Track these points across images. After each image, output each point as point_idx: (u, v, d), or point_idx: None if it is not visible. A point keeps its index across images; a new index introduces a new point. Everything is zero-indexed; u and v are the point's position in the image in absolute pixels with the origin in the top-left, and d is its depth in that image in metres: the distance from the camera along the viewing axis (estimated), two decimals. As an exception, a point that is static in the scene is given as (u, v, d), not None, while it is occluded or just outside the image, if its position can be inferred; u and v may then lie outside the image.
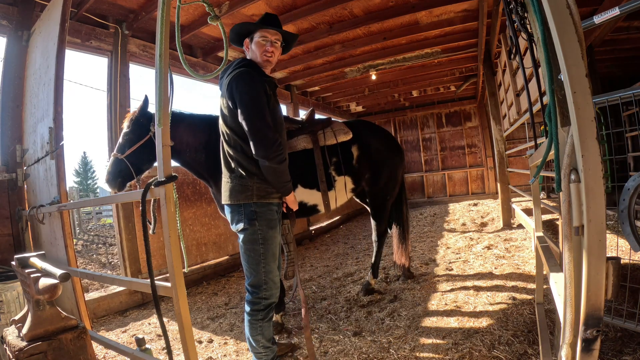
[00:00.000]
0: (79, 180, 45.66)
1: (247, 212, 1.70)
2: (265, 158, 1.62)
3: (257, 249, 1.72)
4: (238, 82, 1.65)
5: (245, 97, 1.63)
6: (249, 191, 1.69)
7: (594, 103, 1.69)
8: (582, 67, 0.77)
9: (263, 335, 1.77)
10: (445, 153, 9.56)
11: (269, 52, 1.77)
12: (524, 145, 4.60)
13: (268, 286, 1.76)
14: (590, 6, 3.70)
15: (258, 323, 1.76)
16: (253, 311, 1.76)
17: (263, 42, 1.77)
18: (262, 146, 1.61)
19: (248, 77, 1.66)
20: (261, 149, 1.61)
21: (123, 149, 2.38)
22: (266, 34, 1.78)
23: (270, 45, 1.77)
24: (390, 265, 3.79)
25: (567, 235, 0.84)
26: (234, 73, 1.69)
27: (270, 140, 1.62)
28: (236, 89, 1.65)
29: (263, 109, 1.64)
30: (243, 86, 1.64)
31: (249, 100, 1.63)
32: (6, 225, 2.79)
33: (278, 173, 1.67)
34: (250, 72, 1.69)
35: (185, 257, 1.69)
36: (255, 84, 1.66)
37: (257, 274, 1.75)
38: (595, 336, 0.76)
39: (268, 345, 1.80)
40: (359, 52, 5.40)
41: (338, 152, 2.80)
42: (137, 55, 3.85)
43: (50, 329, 1.32)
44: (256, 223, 1.70)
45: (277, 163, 1.64)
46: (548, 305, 2.21)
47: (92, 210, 16.42)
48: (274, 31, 1.79)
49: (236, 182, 1.72)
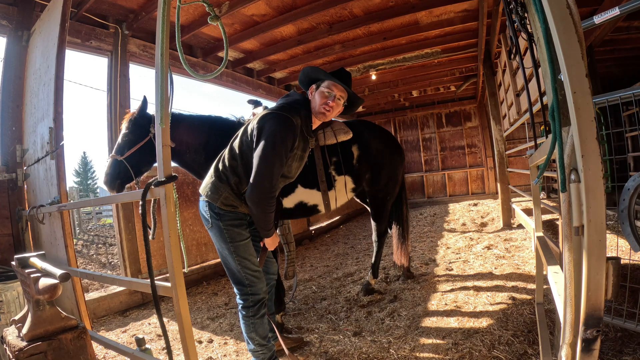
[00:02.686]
0: (79, 180, 45.65)
1: (212, 212, 1.73)
2: (251, 202, 1.63)
3: (226, 247, 1.74)
4: (275, 123, 1.63)
5: (270, 142, 1.60)
6: (217, 194, 1.71)
7: (594, 103, 1.69)
8: (582, 67, 0.77)
9: (257, 333, 1.79)
10: (445, 153, 9.56)
11: (328, 106, 1.72)
12: (524, 145, 4.60)
13: (250, 282, 1.76)
14: (590, 6, 3.69)
15: (250, 320, 1.77)
16: (243, 308, 1.78)
17: (327, 94, 1.73)
18: (255, 192, 1.61)
19: (286, 126, 1.63)
20: (253, 194, 1.61)
21: (122, 151, 2.37)
22: (334, 87, 1.73)
23: (333, 100, 1.73)
24: (390, 265, 3.79)
25: (567, 235, 0.84)
26: (277, 113, 1.67)
27: (266, 191, 1.61)
28: (269, 126, 1.63)
29: (277, 161, 1.61)
30: (275, 131, 1.61)
31: (271, 147, 1.60)
32: (6, 225, 2.79)
33: (260, 220, 1.68)
34: (293, 123, 1.65)
35: (185, 257, 1.69)
36: (290, 135, 1.64)
37: (234, 272, 1.77)
38: (595, 336, 0.76)
39: (263, 343, 1.81)
40: (359, 52, 5.40)
41: (338, 151, 2.79)
42: (137, 55, 3.85)
43: (50, 329, 1.32)
44: (220, 223, 1.72)
45: (261, 212, 1.65)
46: (548, 305, 2.21)
47: (92, 210, 16.41)
48: (342, 87, 1.75)
49: (214, 180, 1.75)
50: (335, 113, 1.78)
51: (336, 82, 1.73)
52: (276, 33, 4.48)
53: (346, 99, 1.80)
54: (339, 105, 1.77)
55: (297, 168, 1.83)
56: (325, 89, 1.73)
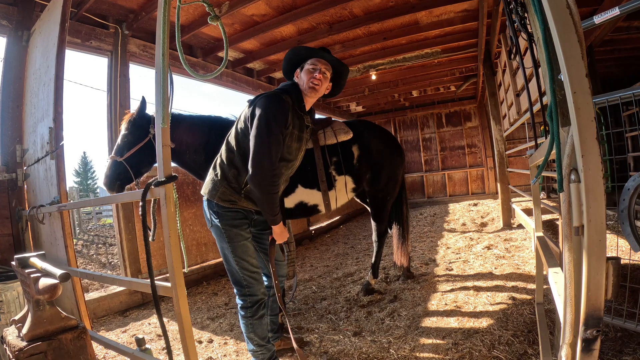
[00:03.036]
0: (79, 180, 45.63)
1: (212, 211, 1.75)
2: (254, 185, 1.60)
3: (225, 247, 1.76)
4: (265, 102, 1.64)
5: (263, 119, 1.60)
6: (215, 190, 1.73)
7: (594, 103, 1.69)
8: (582, 67, 0.77)
9: (255, 333, 1.79)
10: (445, 153, 9.56)
11: (316, 79, 1.72)
12: (524, 145, 4.60)
13: (248, 282, 1.77)
14: (590, 6, 3.69)
15: (249, 321, 1.78)
16: (242, 309, 1.79)
17: (312, 69, 1.74)
18: (256, 172, 1.58)
19: (276, 103, 1.64)
20: (255, 175, 1.58)
21: (121, 152, 2.36)
22: (317, 62, 1.75)
23: (319, 73, 1.74)
24: (390, 265, 3.79)
25: (567, 235, 0.84)
26: (266, 93, 1.69)
27: (266, 170, 1.58)
28: (259, 107, 1.63)
29: (272, 137, 1.59)
30: (266, 108, 1.61)
31: (264, 124, 1.59)
32: (6, 225, 2.79)
33: (265, 203, 1.64)
34: (282, 99, 1.65)
35: (185, 257, 1.69)
36: (280, 111, 1.63)
37: (233, 272, 1.78)
38: (595, 336, 0.76)
39: (262, 343, 1.82)
40: (359, 52, 5.40)
41: (338, 151, 2.79)
42: (137, 55, 3.85)
43: (50, 329, 1.32)
44: (219, 222, 1.73)
45: (266, 193, 1.60)
46: (548, 305, 2.21)
47: (92, 210, 16.41)
48: (324, 61, 1.77)
49: (212, 177, 1.77)
50: (324, 86, 1.78)
51: (318, 57, 1.76)
52: (276, 33, 4.48)
53: (331, 72, 1.81)
54: (327, 79, 1.78)
55: (297, 149, 1.80)
56: (310, 65, 1.76)
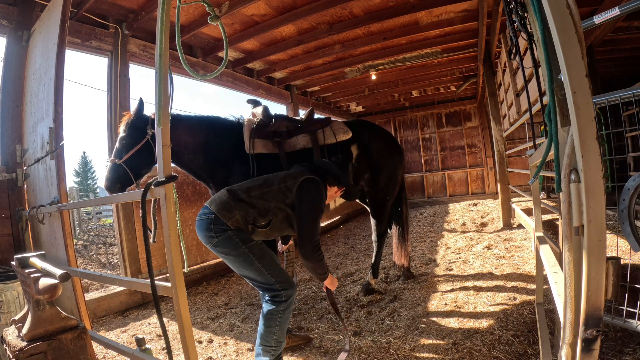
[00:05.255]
0: (79, 180, 45.61)
1: (219, 228, 1.78)
2: (306, 258, 1.90)
3: (240, 251, 1.77)
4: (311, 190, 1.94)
5: (309, 205, 1.91)
6: (230, 214, 1.80)
7: (594, 103, 1.69)
8: (582, 67, 0.77)
9: (280, 327, 1.80)
10: (445, 153, 9.55)
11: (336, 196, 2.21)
12: (524, 145, 4.60)
13: (281, 278, 1.81)
14: (590, 6, 3.69)
15: (279, 314, 1.79)
16: (275, 303, 1.81)
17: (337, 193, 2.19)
18: (307, 248, 1.87)
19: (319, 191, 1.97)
20: (306, 250, 1.88)
21: (120, 154, 2.36)
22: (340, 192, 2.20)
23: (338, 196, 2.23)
24: (390, 265, 3.78)
25: (567, 235, 0.84)
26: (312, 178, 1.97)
27: (315, 245, 1.89)
28: (306, 194, 1.92)
29: (318, 218, 1.93)
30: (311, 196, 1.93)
31: (310, 210, 1.91)
32: (6, 225, 2.79)
33: (317, 268, 1.95)
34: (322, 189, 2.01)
35: (185, 257, 1.69)
36: (322, 199, 1.99)
37: (259, 273, 1.78)
38: (595, 336, 0.76)
39: (281, 340, 1.83)
40: (359, 52, 5.40)
41: (337, 151, 2.79)
42: (137, 55, 3.85)
43: (50, 329, 1.32)
44: (229, 232, 1.77)
45: (316, 261, 1.92)
46: (548, 305, 2.21)
47: (92, 210, 16.40)
48: None
49: (229, 201, 1.84)
50: None
51: None
52: (276, 33, 4.48)
53: None
54: None
55: None
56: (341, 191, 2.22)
